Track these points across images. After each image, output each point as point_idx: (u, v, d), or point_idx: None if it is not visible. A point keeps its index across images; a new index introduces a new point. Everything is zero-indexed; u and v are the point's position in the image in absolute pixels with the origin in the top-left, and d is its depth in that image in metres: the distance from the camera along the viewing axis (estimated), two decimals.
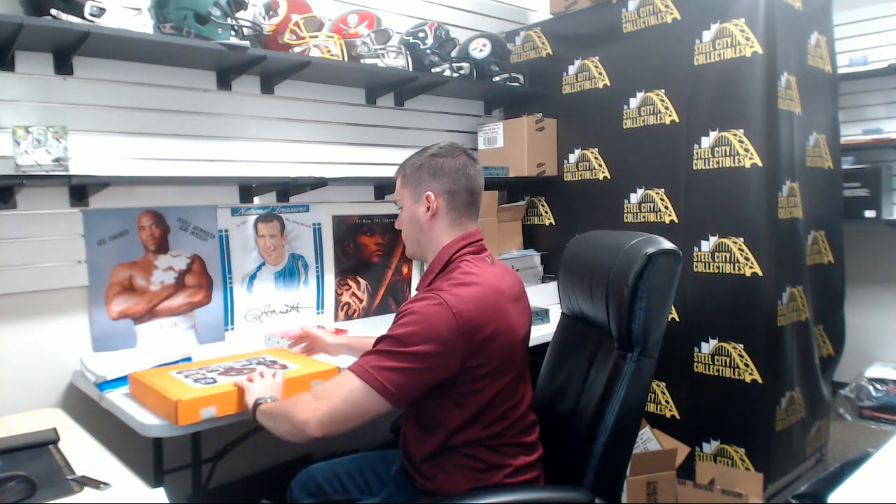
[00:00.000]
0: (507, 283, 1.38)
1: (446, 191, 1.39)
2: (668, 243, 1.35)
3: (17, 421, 1.49)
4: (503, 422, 1.31)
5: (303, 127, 2.41)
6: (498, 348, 1.26)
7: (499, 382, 1.28)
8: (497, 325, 1.26)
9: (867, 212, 3.08)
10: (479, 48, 2.71)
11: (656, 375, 2.46)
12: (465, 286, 1.26)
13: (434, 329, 1.19)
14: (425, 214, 1.40)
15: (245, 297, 2.26)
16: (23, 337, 1.84)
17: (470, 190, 1.41)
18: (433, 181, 1.39)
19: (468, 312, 1.21)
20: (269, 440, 1.97)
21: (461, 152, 1.43)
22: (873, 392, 3.07)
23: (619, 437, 1.32)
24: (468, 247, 1.38)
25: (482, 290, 1.27)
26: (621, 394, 1.31)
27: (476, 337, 1.22)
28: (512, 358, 1.31)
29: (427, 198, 1.39)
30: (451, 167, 1.39)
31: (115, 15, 1.73)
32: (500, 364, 1.28)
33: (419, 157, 1.43)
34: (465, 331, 1.20)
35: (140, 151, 2.02)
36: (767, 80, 2.15)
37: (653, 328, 1.33)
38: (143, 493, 1.12)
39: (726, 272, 2.23)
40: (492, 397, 1.28)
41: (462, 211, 1.41)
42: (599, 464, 1.30)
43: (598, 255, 1.47)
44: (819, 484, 1.08)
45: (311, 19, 2.18)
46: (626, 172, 2.55)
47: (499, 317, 1.27)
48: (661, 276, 1.32)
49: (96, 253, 1.93)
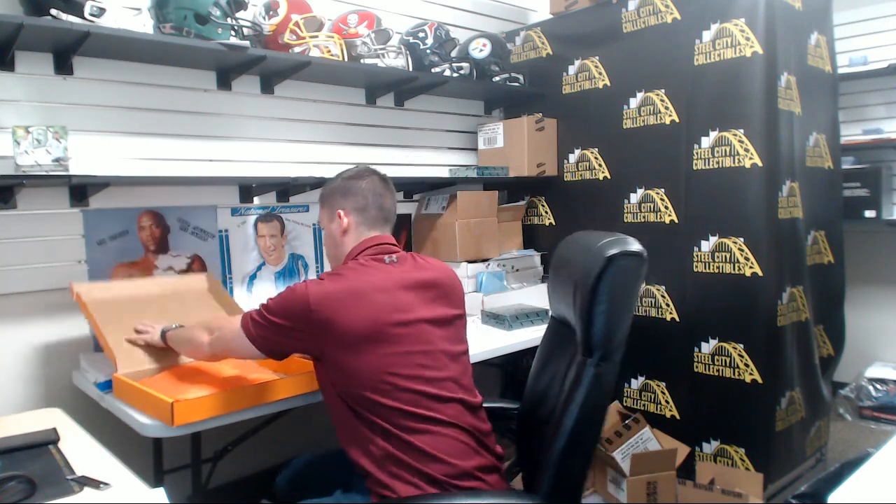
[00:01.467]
0: (405, 276, 1.45)
1: (356, 208, 1.54)
2: (635, 245, 1.31)
3: (17, 421, 1.49)
4: (405, 393, 1.35)
5: (303, 127, 2.41)
6: (351, 329, 1.33)
7: (359, 357, 1.34)
8: (350, 310, 1.34)
9: (867, 212, 3.09)
10: (479, 48, 2.71)
11: (656, 375, 2.47)
12: (333, 276, 1.41)
13: (287, 308, 1.36)
14: (338, 231, 1.55)
15: (245, 297, 2.26)
16: (23, 337, 1.84)
17: (379, 206, 1.55)
18: (344, 201, 1.55)
19: (320, 296, 1.33)
20: (269, 440, 1.97)
21: (371, 173, 1.58)
22: (873, 392, 3.07)
23: (577, 445, 1.29)
24: (368, 249, 1.50)
25: (344, 280, 1.39)
26: (579, 400, 1.27)
27: (320, 320, 1.32)
28: (373, 340, 1.35)
29: (339, 215, 1.54)
30: (361, 188, 1.54)
31: (115, 15, 1.73)
32: (355, 342, 1.34)
33: (333, 182, 1.60)
34: (313, 311, 1.32)
35: (140, 151, 2.02)
36: (767, 80, 2.15)
37: (613, 332, 1.29)
38: (143, 493, 1.12)
39: (726, 272, 2.23)
40: (372, 369, 1.33)
41: (371, 225, 1.54)
42: (556, 471, 1.27)
43: (574, 257, 1.44)
44: (819, 484, 1.08)
45: (311, 19, 2.18)
46: (626, 172, 2.55)
47: (355, 303, 1.35)
48: (622, 278, 1.28)
49: (96, 253, 1.93)
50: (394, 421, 1.33)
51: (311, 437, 2.32)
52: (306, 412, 1.70)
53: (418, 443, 1.32)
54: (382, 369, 1.34)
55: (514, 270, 2.74)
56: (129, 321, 1.70)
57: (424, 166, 2.79)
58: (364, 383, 1.34)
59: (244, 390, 1.50)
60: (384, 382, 1.34)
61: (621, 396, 2.58)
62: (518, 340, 2.17)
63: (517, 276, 2.73)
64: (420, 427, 1.34)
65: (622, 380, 2.58)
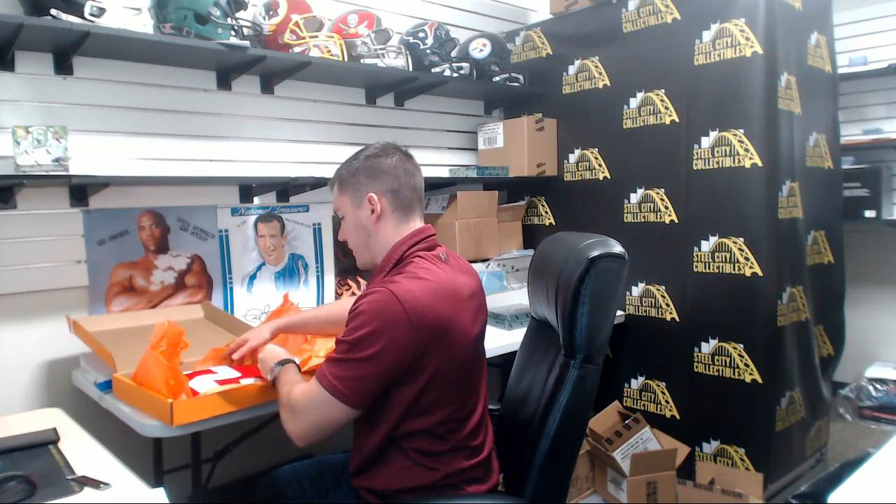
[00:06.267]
0: (462, 280, 1.34)
1: (388, 190, 1.35)
2: (617, 247, 1.30)
3: (17, 421, 1.49)
4: (447, 422, 1.27)
5: (303, 127, 2.41)
6: (448, 345, 1.23)
7: (444, 378, 1.24)
8: (449, 322, 1.23)
9: (867, 212, 3.09)
10: (479, 48, 2.71)
11: (656, 375, 2.47)
12: (417, 279, 1.23)
13: (384, 326, 1.17)
14: (370, 217, 1.35)
15: (245, 297, 2.26)
16: (23, 337, 1.84)
17: (412, 186, 1.38)
18: (373, 182, 1.35)
19: (419, 308, 1.18)
20: (269, 440, 1.97)
21: (395, 150, 1.39)
22: (873, 392, 3.07)
23: (560, 447, 1.28)
24: (420, 243, 1.34)
25: (434, 285, 1.23)
26: (563, 402, 1.27)
27: (426, 332, 1.19)
28: (459, 356, 1.27)
29: (370, 200, 1.35)
30: (389, 165, 1.36)
31: (115, 15, 1.73)
32: (447, 361, 1.24)
33: (354, 162, 1.39)
34: (416, 326, 1.17)
35: (140, 151, 2.02)
36: (767, 80, 2.15)
37: (596, 334, 1.29)
38: (143, 493, 1.12)
39: (726, 272, 2.23)
40: (436, 392, 1.24)
41: (408, 208, 1.37)
42: (540, 473, 1.27)
43: (554, 258, 1.42)
44: (819, 484, 1.08)
45: (311, 19, 2.18)
46: (626, 172, 2.55)
47: (451, 314, 1.24)
48: (604, 280, 1.28)
49: (96, 253, 1.93)
50: (431, 448, 1.27)
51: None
52: None
53: (444, 470, 1.28)
54: (460, 397, 1.27)
55: (514, 270, 2.74)
56: (130, 343, 1.65)
57: (424, 166, 2.74)
58: (437, 410, 1.24)
59: (244, 390, 1.50)
60: (446, 418, 1.26)
61: (621, 396, 2.58)
62: (518, 340, 2.13)
63: (517, 276, 2.73)
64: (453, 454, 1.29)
65: (622, 380, 2.58)
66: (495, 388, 2.97)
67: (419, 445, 1.28)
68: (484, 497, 1.36)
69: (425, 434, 1.27)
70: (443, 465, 1.28)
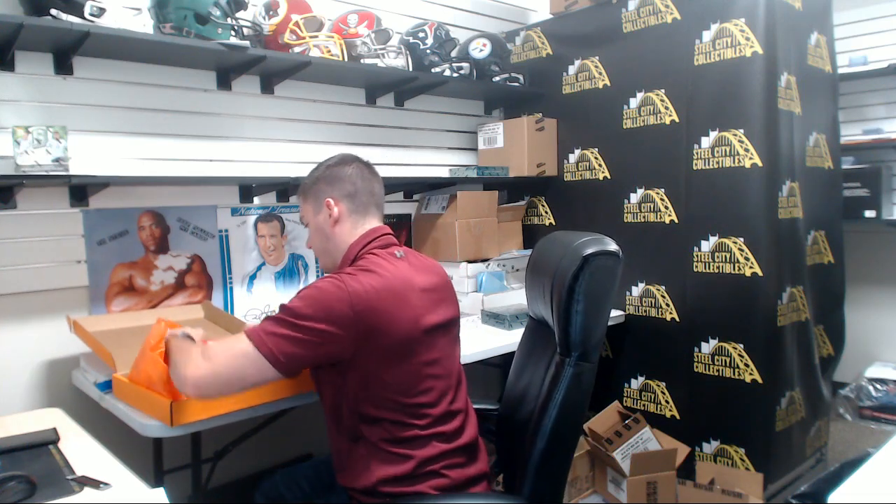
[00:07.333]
0: (419, 276, 1.37)
1: (346, 195, 1.43)
2: (612, 245, 1.31)
3: (17, 421, 1.49)
4: (407, 408, 1.29)
5: (303, 127, 2.41)
6: (394, 335, 1.26)
7: (387, 365, 1.27)
8: (392, 311, 1.26)
9: (867, 212, 3.09)
10: (479, 48, 2.71)
11: (656, 375, 2.47)
12: (366, 272, 1.29)
13: (327, 307, 1.21)
14: (328, 221, 1.44)
15: (245, 297, 2.26)
16: (23, 337, 1.84)
17: (369, 191, 1.46)
18: (331, 189, 1.44)
19: (364, 296, 1.23)
20: (269, 440, 1.97)
21: (354, 159, 1.48)
22: (873, 392, 3.07)
23: (556, 445, 1.29)
24: (374, 241, 1.41)
25: (381, 278, 1.28)
26: (559, 400, 1.28)
27: (368, 321, 1.23)
28: (403, 344, 1.28)
29: (328, 204, 1.43)
30: (347, 173, 1.45)
31: (115, 15, 1.73)
32: (397, 350, 1.27)
33: (315, 171, 1.49)
34: (358, 313, 1.22)
35: (140, 151, 2.02)
36: (767, 80, 2.15)
37: (591, 331, 1.30)
38: (143, 493, 1.12)
39: (726, 272, 2.23)
40: (385, 378, 1.27)
41: (364, 212, 1.45)
42: (537, 472, 1.27)
43: (550, 256, 1.43)
44: (819, 484, 1.08)
45: (311, 19, 2.18)
46: (626, 172, 2.55)
47: (396, 304, 1.27)
48: (599, 278, 1.29)
49: (96, 253, 1.93)
50: (397, 435, 1.29)
51: (311, 437, 2.33)
52: (306, 412, 1.70)
53: (418, 457, 1.29)
54: (411, 384, 1.28)
55: (514, 270, 2.74)
56: (131, 343, 1.65)
57: (424, 166, 2.79)
58: (389, 397, 1.27)
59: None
60: (410, 405, 1.28)
61: (621, 396, 2.58)
62: (518, 340, 2.16)
63: (517, 276, 2.73)
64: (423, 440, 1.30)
65: (622, 380, 2.58)
66: (495, 389, 2.97)
67: (384, 434, 1.29)
68: (484, 497, 1.37)
69: (386, 422, 1.29)
70: (414, 450, 1.29)
